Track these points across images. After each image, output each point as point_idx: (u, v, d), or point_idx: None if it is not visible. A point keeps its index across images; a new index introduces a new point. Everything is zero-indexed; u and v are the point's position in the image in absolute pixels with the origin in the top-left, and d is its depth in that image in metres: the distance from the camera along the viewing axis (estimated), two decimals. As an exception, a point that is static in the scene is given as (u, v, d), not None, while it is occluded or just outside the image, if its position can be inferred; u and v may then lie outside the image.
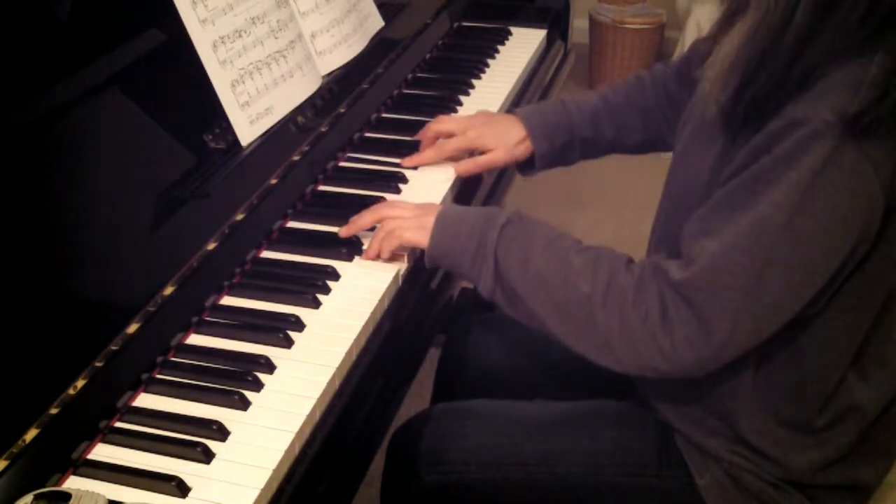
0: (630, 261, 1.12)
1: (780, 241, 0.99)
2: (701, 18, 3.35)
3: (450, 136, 1.47)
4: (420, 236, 1.21)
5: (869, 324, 1.09)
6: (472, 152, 1.48)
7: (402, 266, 1.25)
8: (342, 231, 1.28)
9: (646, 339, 1.05)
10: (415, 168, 1.47)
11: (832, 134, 0.96)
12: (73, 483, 0.92)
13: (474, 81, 1.77)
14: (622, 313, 1.06)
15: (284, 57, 1.39)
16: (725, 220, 1.02)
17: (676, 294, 1.04)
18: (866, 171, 0.97)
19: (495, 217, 1.17)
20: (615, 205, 3.07)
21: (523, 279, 1.13)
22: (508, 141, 1.46)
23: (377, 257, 1.25)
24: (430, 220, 1.21)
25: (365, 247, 1.27)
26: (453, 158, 1.48)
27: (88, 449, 0.96)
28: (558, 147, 1.46)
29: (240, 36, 1.31)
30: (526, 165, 1.50)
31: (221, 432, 0.98)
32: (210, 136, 1.26)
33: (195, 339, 1.12)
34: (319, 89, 1.46)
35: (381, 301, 1.19)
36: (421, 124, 1.56)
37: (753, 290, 1.01)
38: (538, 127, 1.46)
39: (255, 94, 1.32)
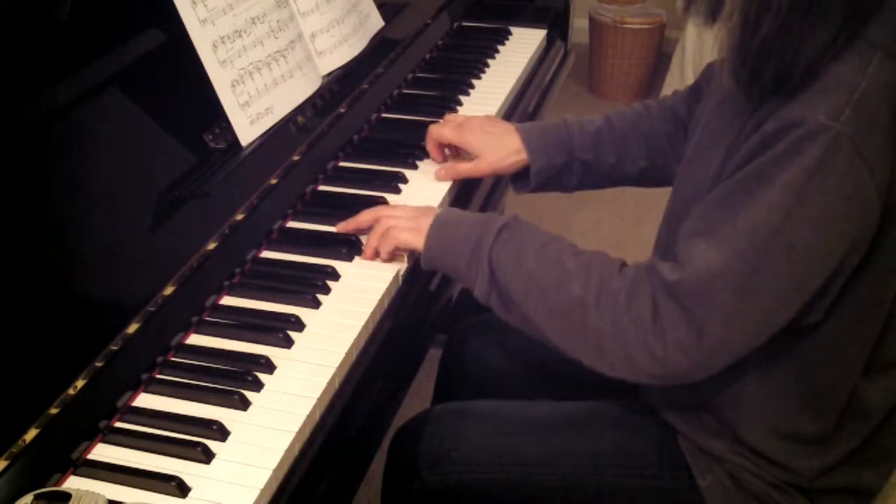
0: (623, 264, 1.10)
1: (773, 244, 0.98)
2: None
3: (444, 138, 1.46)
4: (415, 238, 1.22)
5: (878, 330, 1.08)
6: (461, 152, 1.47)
7: (402, 266, 1.25)
8: (339, 226, 1.30)
9: (637, 342, 1.03)
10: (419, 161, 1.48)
11: (826, 135, 0.95)
12: (73, 483, 0.92)
13: (474, 81, 1.77)
14: (614, 317, 1.05)
15: (284, 57, 1.39)
16: (720, 220, 1.00)
17: (668, 295, 1.02)
18: (861, 173, 0.96)
19: (492, 222, 1.17)
20: (615, 205, 3.07)
21: (516, 282, 1.12)
22: (497, 152, 1.42)
23: (375, 257, 1.26)
24: (426, 223, 1.21)
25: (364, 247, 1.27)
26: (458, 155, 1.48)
27: (88, 449, 0.96)
28: (557, 165, 1.41)
29: (240, 36, 1.31)
30: (519, 179, 1.46)
31: (221, 432, 0.98)
32: (210, 136, 1.26)
33: (195, 339, 1.12)
34: (319, 89, 1.46)
35: (380, 301, 1.19)
36: (421, 124, 1.56)
37: (745, 294, 0.99)
38: (537, 142, 1.41)
39: (255, 94, 1.32)
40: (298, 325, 1.14)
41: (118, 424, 1.00)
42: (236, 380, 1.05)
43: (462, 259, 1.17)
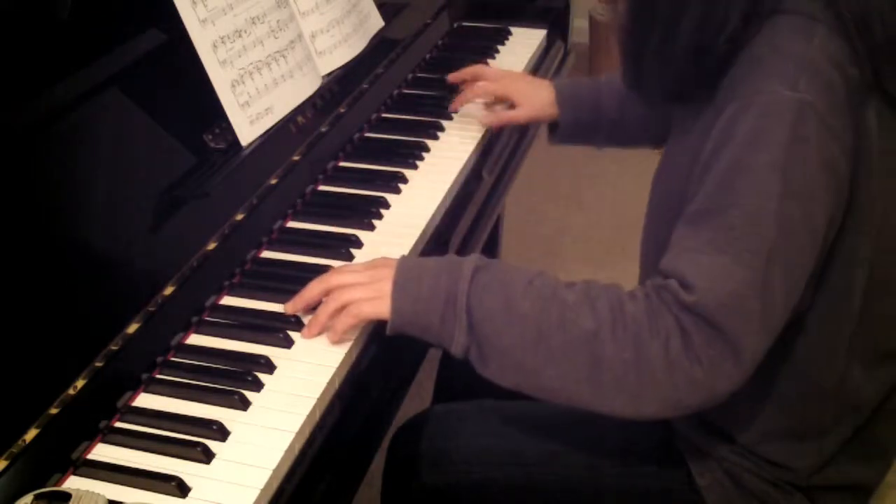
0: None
1: (776, 229, 0.94)
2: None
3: (485, 79, 1.61)
4: (379, 307, 1.07)
5: (854, 318, 1.06)
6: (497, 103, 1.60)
7: None
8: (287, 307, 1.14)
9: (670, 368, 0.96)
10: (455, 112, 1.61)
11: (789, 105, 0.94)
12: (73, 483, 0.92)
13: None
14: (638, 344, 0.96)
15: (284, 57, 1.39)
16: (714, 230, 0.96)
17: (692, 315, 0.95)
18: (829, 142, 0.95)
19: (460, 266, 1.06)
20: (615, 205, 3.07)
21: (507, 328, 1.01)
22: (535, 101, 1.53)
23: (322, 333, 1.11)
24: (386, 286, 1.07)
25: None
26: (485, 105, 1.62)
27: (88, 449, 0.96)
28: (584, 121, 1.50)
29: (240, 36, 1.31)
30: (552, 131, 1.57)
31: (221, 432, 0.98)
32: (210, 136, 1.26)
33: (195, 339, 1.12)
34: (319, 89, 1.46)
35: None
36: (421, 124, 1.56)
37: (767, 292, 0.95)
38: (567, 96, 1.51)
39: (255, 94, 1.32)
40: (299, 325, 1.14)
41: (118, 424, 1.00)
42: (236, 380, 1.05)
43: (435, 316, 1.04)
